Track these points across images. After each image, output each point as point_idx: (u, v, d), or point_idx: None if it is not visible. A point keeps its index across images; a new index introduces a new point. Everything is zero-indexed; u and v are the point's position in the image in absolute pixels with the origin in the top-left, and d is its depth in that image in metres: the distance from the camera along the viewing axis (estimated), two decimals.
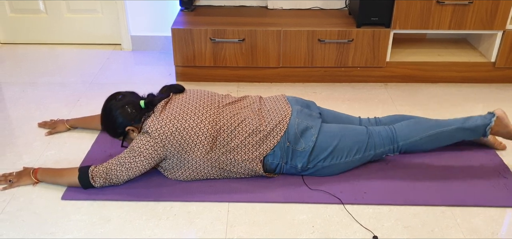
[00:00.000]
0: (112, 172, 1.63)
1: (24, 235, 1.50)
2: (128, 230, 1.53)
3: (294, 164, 1.71)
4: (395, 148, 1.76)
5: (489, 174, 1.81)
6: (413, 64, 2.58)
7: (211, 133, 1.65)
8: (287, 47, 2.50)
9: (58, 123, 2.09)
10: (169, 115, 1.65)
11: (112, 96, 1.74)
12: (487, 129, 1.75)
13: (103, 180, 1.64)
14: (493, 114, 1.77)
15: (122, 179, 1.65)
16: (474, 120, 1.77)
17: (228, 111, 1.74)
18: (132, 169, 1.62)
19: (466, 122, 1.77)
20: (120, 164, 1.63)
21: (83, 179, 1.64)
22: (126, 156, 1.63)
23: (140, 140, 1.62)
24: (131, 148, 1.63)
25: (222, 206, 1.64)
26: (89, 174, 1.63)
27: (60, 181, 1.69)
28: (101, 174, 1.63)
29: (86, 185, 1.65)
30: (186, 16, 2.65)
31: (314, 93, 2.51)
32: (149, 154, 1.61)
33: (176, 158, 1.65)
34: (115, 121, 1.69)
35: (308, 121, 1.73)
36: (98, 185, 1.65)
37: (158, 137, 1.61)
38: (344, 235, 1.52)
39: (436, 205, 1.64)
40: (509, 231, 1.54)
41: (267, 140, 1.68)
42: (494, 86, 2.61)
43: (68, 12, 3.05)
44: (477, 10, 2.41)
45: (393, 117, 1.93)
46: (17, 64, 2.83)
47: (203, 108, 1.71)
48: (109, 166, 1.64)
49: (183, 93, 1.80)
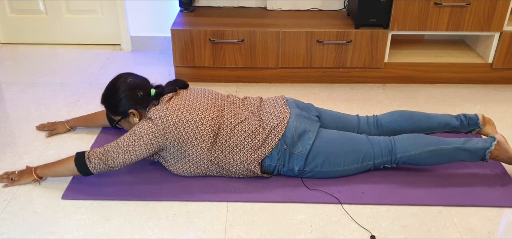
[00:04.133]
0: (109, 154, 1.61)
1: (24, 234, 1.51)
2: (128, 229, 1.54)
3: (291, 167, 1.72)
4: (393, 160, 1.75)
5: (485, 174, 1.82)
6: (411, 65, 2.60)
7: (213, 130, 1.66)
8: (286, 48, 2.51)
9: (57, 125, 2.09)
10: (175, 106, 1.66)
11: (124, 75, 1.73)
12: (486, 153, 1.72)
13: (98, 161, 1.60)
14: (493, 138, 1.75)
15: (118, 163, 1.62)
16: (474, 142, 1.74)
17: (229, 110, 1.76)
18: (129, 152, 1.61)
19: (467, 143, 1.74)
20: (118, 146, 1.62)
21: (80, 163, 1.61)
22: (125, 138, 1.62)
23: (143, 125, 1.63)
24: (132, 132, 1.62)
25: (221, 206, 1.65)
26: (86, 155, 1.61)
27: (59, 170, 1.67)
28: (98, 155, 1.61)
29: (82, 168, 1.62)
30: (186, 17, 2.66)
31: (313, 94, 2.52)
32: (149, 140, 1.61)
33: (177, 149, 1.66)
34: (121, 100, 1.68)
35: (306, 124, 1.74)
36: (94, 166, 1.61)
37: (161, 125, 1.62)
38: (342, 234, 1.53)
39: (433, 205, 1.66)
40: (505, 231, 1.55)
41: (265, 142, 1.69)
42: (492, 87, 2.63)
43: (68, 13, 3.06)
44: (475, 11, 2.43)
45: (391, 114, 1.94)
46: (17, 64, 2.84)
47: (207, 105, 1.73)
48: (107, 148, 1.62)
49: (187, 89, 1.81)
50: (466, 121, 1.93)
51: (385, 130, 1.90)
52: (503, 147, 1.75)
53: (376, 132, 1.91)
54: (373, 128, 1.91)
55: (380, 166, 1.78)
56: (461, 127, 1.94)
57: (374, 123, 1.92)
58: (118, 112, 1.71)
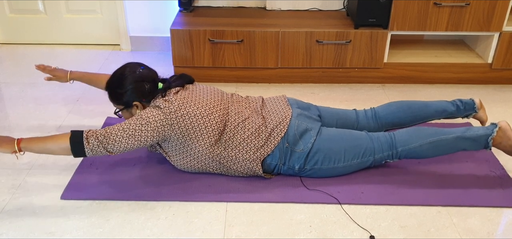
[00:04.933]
0: (111, 137, 1.54)
1: (23, 234, 1.51)
2: (127, 229, 1.54)
3: (291, 165, 1.72)
4: (394, 154, 1.74)
5: (485, 174, 1.82)
6: (411, 65, 2.60)
7: (219, 127, 1.66)
8: (285, 48, 2.51)
9: (59, 72, 1.95)
10: (183, 99, 1.65)
11: (132, 64, 1.69)
12: (489, 140, 1.69)
13: (97, 143, 1.53)
14: (495, 125, 1.72)
15: (118, 147, 1.56)
16: (475, 130, 1.72)
17: (234, 108, 1.76)
18: (134, 137, 1.56)
19: (467, 131, 1.72)
20: (122, 129, 1.56)
21: (75, 142, 1.52)
22: (132, 123, 1.57)
23: (151, 111, 1.60)
24: (139, 116, 1.59)
25: (221, 206, 1.65)
26: (84, 135, 1.53)
27: (49, 147, 1.53)
28: (98, 137, 1.53)
29: (77, 149, 1.52)
30: (185, 17, 2.66)
31: (312, 94, 2.52)
32: (156, 126, 1.58)
33: (180, 142, 1.65)
34: (127, 90, 1.65)
35: (308, 123, 1.74)
36: (91, 148, 1.52)
37: (169, 114, 1.60)
38: (341, 235, 1.53)
39: (433, 205, 1.66)
40: (505, 231, 1.55)
41: (268, 141, 1.69)
42: (491, 87, 2.63)
43: (68, 13, 3.06)
44: (474, 11, 2.43)
45: (388, 105, 1.95)
46: (16, 64, 2.84)
47: (214, 101, 1.72)
48: (110, 130, 1.55)
49: (193, 84, 1.80)
50: (462, 106, 1.95)
51: (383, 121, 1.91)
52: (506, 134, 1.70)
53: (375, 124, 1.92)
54: (372, 121, 1.92)
55: (381, 161, 1.76)
56: (457, 112, 1.96)
57: (372, 115, 1.93)
58: (122, 101, 1.68)
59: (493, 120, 2.24)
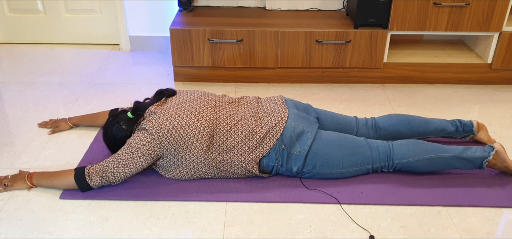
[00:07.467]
0: (109, 170, 1.63)
1: (22, 234, 1.51)
2: (126, 229, 1.53)
3: (289, 167, 1.72)
4: (390, 165, 1.76)
5: (484, 174, 1.82)
6: (410, 65, 2.60)
7: (208, 132, 1.66)
8: (285, 48, 2.51)
9: (60, 122, 2.10)
10: (166, 113, 1.67)
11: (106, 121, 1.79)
12: (484, 162, 1.74)
13: (99, 178, 1.63)
14: (492, 148, 1.76)
15: (119, 177, 1.64)
16: (472, 151, 1.75)
17: (224, 111, 1.75)
18: (129, 166, 1.62)
19: (465, 151, 1.75)
20: (117, 161, 1.63)
21: (80, 179, 1.63)
22: (123, 152, 1.63)
23: (138, 136, 1.63)
24: (128, 145, 1.63)
25: (220, 206, 1.64)
26: (86, 172, 1.63)
27: (56, 183, 1.67)
28: (98, 172, 1.63)
29: (83, 185, 1.64)
30: (185, 17, 2.66)
31: (312, 94, 2.52)
32: (146, 150, 1.62)
33: (173, 156, 1.66)
34: (115, 138, 1.73)
35: (305, 125, 1.73)
36: (95, 183, 1.63)
37: (155, 133, 1.62)
38: (341, 234, 1.53)
39: (432, 205, 1.66)
40: (504, 231, 1.55)
41: (263, 142, 1.69)
42: (491, 87, 2.63)
43: (67, 12, 3.05)
44: (474, 12, 2.43)
45: (389, 117, 1.94)
46: (15, 64, 2.83)
47: (200, 107, 1.72)
48: (106, 164, 1.64)
49: (175, 95, 1.82)
50: (461, 127, 1.98)
51: (383, 133, 1.91)
52: (501, 156, 1.76)
53: (374, 134, 1.91)
54: (371, 130, 1.92)
55: (377, 170, 1.79)
56: (456, 133, 1.98)
57: (373, 125, 1.93)
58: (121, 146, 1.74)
59: (492, 121, 2.24)
